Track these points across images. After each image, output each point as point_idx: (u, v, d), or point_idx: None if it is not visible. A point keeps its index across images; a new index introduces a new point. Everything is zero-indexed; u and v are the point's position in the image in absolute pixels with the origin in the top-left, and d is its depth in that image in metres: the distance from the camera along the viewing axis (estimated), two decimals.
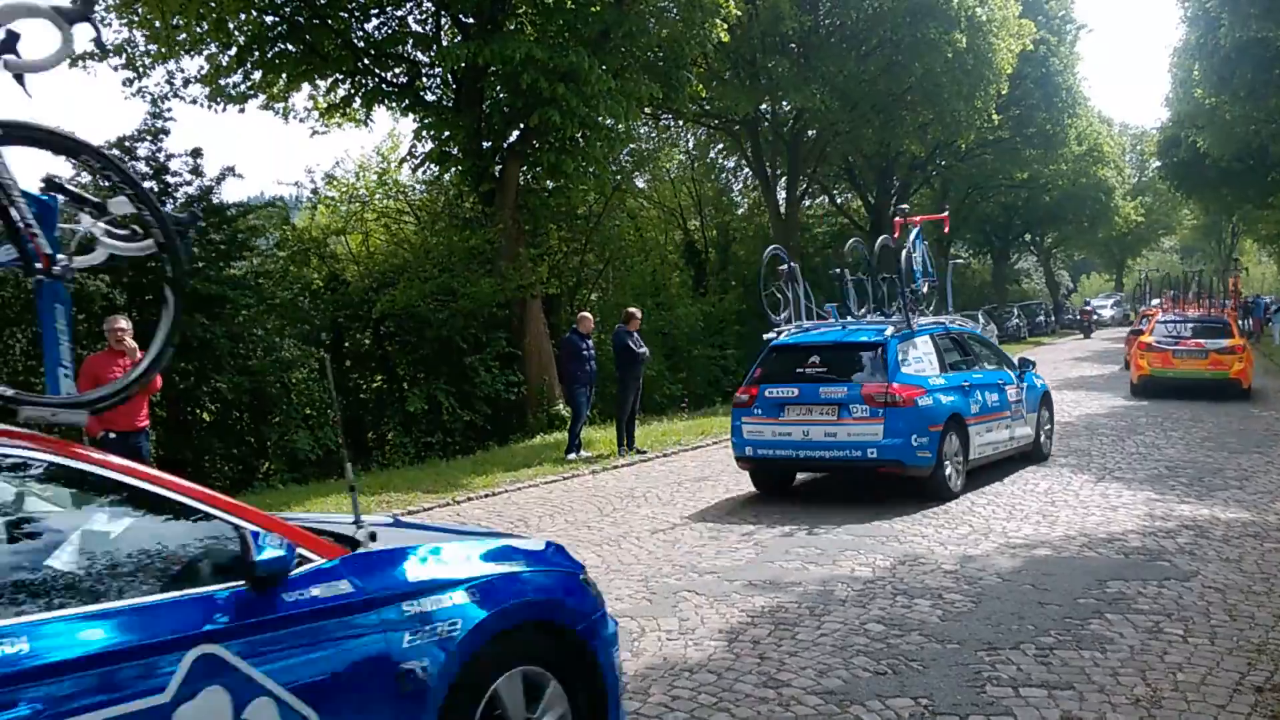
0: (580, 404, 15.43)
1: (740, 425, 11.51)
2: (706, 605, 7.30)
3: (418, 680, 3.60)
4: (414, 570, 3.86)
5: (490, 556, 4.19)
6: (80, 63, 18.54)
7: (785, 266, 12.96)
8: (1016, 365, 13.58)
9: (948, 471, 11.05)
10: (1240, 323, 30.39)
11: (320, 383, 17.87)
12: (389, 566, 3.81)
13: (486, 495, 12.44)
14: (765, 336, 12.44)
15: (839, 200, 45.79)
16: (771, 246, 14.71)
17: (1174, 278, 37.83)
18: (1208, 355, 20.92)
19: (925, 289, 14.21)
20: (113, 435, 9.57)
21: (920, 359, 11.63)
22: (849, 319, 12.95)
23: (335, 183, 25.30)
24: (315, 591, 3.47)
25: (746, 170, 38.43)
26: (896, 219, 15.43)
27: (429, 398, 18.47)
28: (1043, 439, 13.77)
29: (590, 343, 15.56)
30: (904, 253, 12.98)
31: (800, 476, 12.45)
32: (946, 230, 28.97)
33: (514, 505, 11.82)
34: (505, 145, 20.06)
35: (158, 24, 18.08)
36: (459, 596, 3.84)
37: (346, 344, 20.14)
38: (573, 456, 15.01)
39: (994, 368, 13.11)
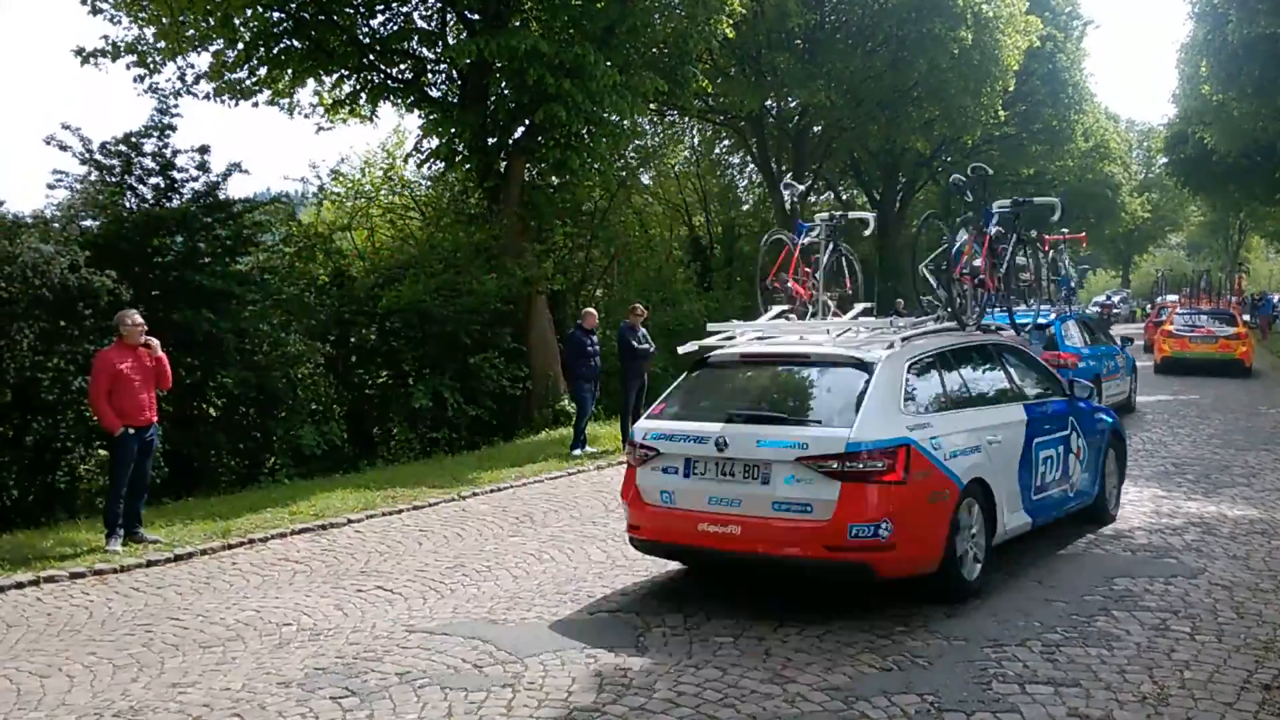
0: (585, 400, 15.44)
1: None
2: (712, 601, 7.30)
3: (1109, 433, 9.72)
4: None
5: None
6: (92, 60, 18.60)
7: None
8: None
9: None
10: (1248, 318, 34.36)
11: (326, 378, 17.88)
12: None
13: (492, 490, 12.44)
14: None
15: (844, 196, 45.74)
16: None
17: (1186, 276, 38.39)
18: (1217, 340, 25.20)
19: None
20: (131, 431, 9.63)
21: None
22: None
23: (341, 179, 25.33)
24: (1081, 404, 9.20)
25: (751, 166, 38.41)
26: (1046, 237, 15.63)
27: (434, 393, 18.48)
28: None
29: (595, 339, 15.56)
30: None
31: None
32: (1084, 247, 31.97)
33: (519, 500, 11.82)
34: (510, 141, 20.06)
35: (165, 20, 18.12)
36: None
37: (352, 339, 20.12)
38: (578, 452, 15.01)
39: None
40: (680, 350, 9.16)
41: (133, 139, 16.40)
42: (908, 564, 6.87)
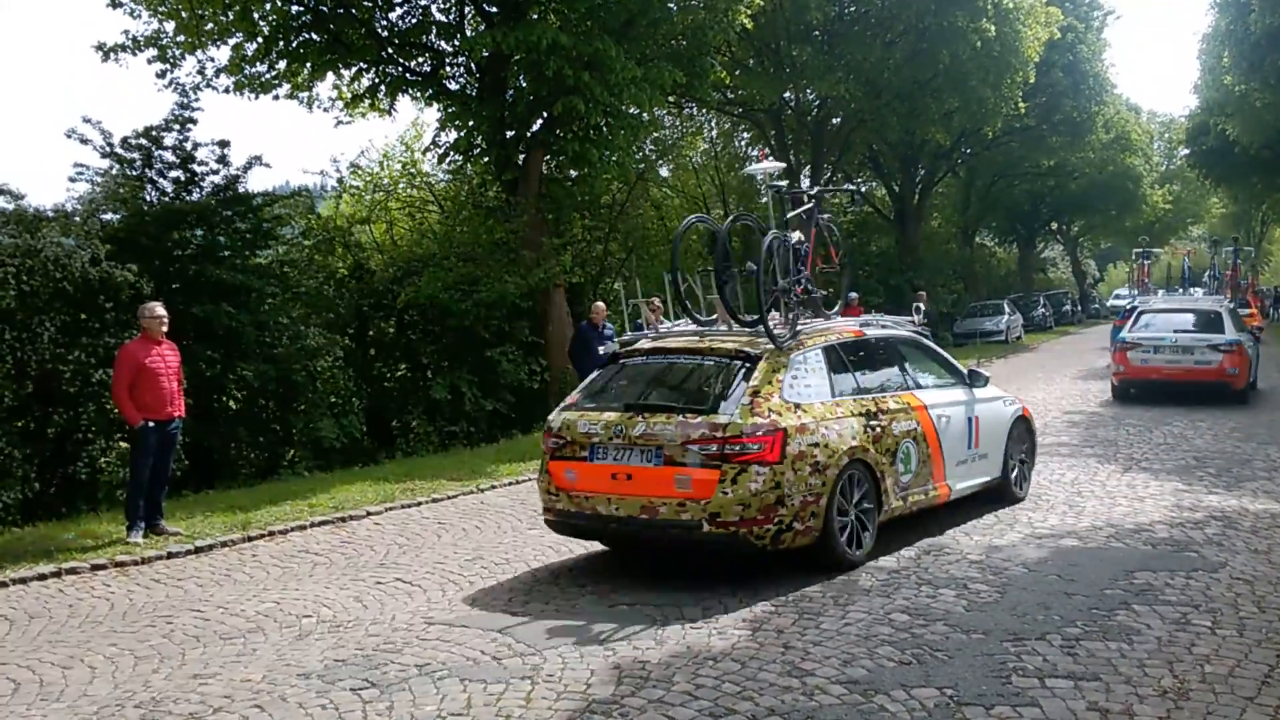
0: None
1: None
2: (729, 593, 7.30)
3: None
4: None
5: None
6: (113, 55, 18.69)
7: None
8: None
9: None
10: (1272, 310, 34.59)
11: (345, 371, 17.94)
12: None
13: (510, 483, 12.47)
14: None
15: (863, 189, 45.61)
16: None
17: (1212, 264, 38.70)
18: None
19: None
20: (151, 424, 9.67)
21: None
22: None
23: (359, 172, 25.38)
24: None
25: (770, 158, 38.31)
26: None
27: (452, 387, 18.52)
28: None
29: (608, 331, 15.47)
30: None
31: None
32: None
33: (537, 494, 11.81)
34: (529, 134, 20.05)
35: (185, 14, 18.19)
36: None
37: (371, 332, 20.21)
38: None
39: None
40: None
41: (153, 133, 16.49)
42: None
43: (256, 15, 18.40)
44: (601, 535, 8.38)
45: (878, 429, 8.41)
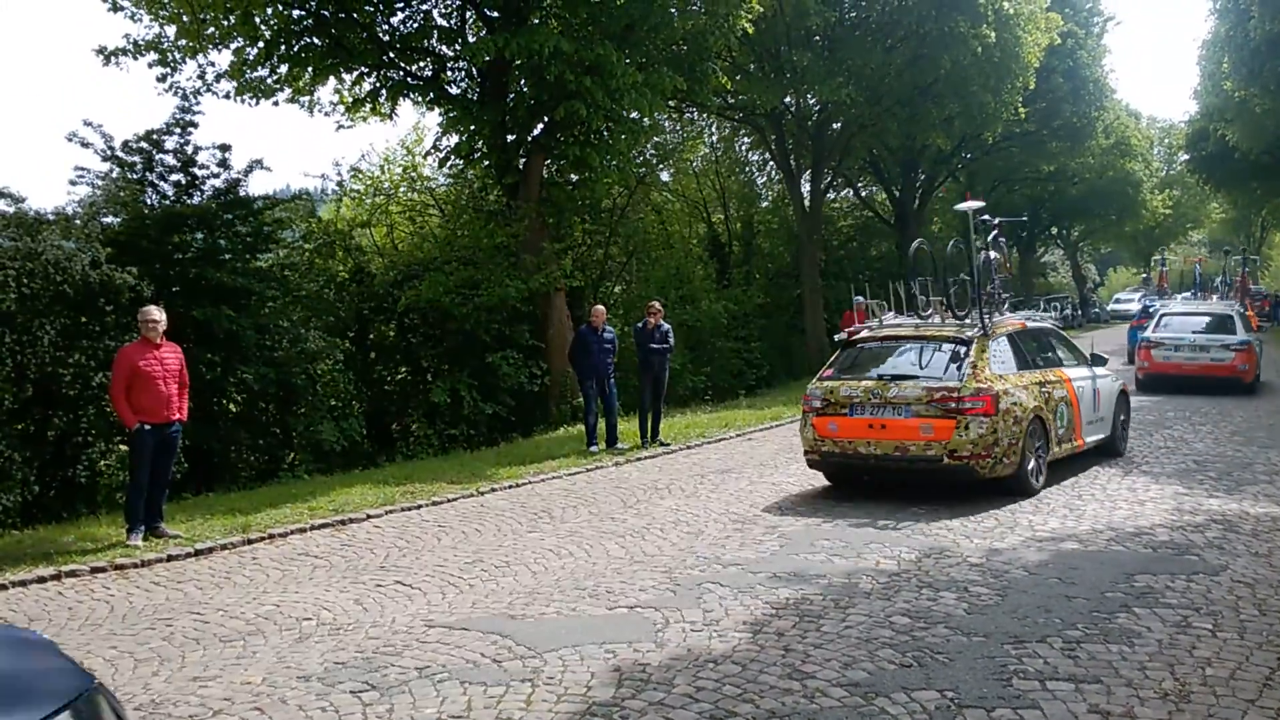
0: (589, 396, 15.43)
1: None
2: (731, 597, 7.29)
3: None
4: None
5: None
6: (114, 59, 18.71)
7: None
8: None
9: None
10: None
11: (345, 374, 17.95)
12: None
13: (510, 487, 12.46)
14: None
15: (863, 193, 45.61)
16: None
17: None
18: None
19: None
20: (148, 427, 9.66)
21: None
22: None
23: (360, 176, 25.40)
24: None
25: (770, 163, 38.31)
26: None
27: (452, 390, 18.53)
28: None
29: (607, 335, 15.47)
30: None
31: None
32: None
33: (538, 496, 11.84)
34: (529, 138, 20.09)
35: (185, 19, 18.22)
36: None
37: (371, 336, 20.23)
38: (595, 449, 15.00)
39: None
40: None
41: (154, 136, 16.52)
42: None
43: (258, 20, 18.43)
44: (861, 469, 11.13)
45: (1046, 394, 11.26)
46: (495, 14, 19.28)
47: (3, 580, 8.29)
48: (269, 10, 18.35)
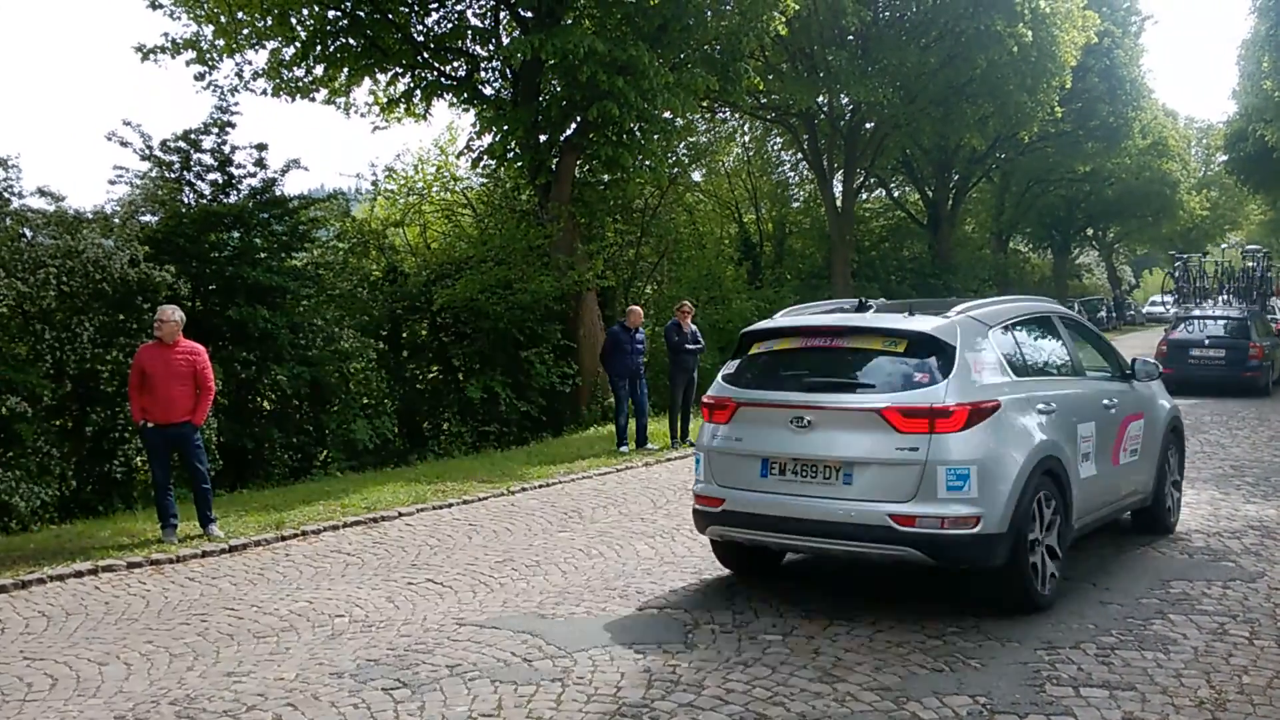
0: (620, 396, 15.43)
1: None
2: (760, 599, 7.28)
3: None
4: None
5: None
6: (152, 56, 18.91)
7: None
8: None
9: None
10: None
11: (378, 373, 18.05)
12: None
13: (541, 486, 12.48)
14: None
15: (896, 194, 45.43)
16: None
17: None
18: None
19: None
20: (150, 425, 9.70)
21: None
22: None
23: (394, 175, 25.54)
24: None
25: (803, 163, 38.23)
26: None
27: (486, 387, 18.60)
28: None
29: (639, 336, 15.49)
30: None
31: None
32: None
33: (568, 496, 11.86)
34: (562, 138, 20.12)
35: (223, 18, 18.39)
36: None
37: (404, 335, 20.33)
38: (625, 449, 15.01)
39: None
40: None
41: (192, 135, 16.67)
42: None
43: (294, 20, 18.58)
44: None
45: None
46: (529, 14, 19.33)
47: (41, 575, 8.40)
48: (305, 11, 18.49)
